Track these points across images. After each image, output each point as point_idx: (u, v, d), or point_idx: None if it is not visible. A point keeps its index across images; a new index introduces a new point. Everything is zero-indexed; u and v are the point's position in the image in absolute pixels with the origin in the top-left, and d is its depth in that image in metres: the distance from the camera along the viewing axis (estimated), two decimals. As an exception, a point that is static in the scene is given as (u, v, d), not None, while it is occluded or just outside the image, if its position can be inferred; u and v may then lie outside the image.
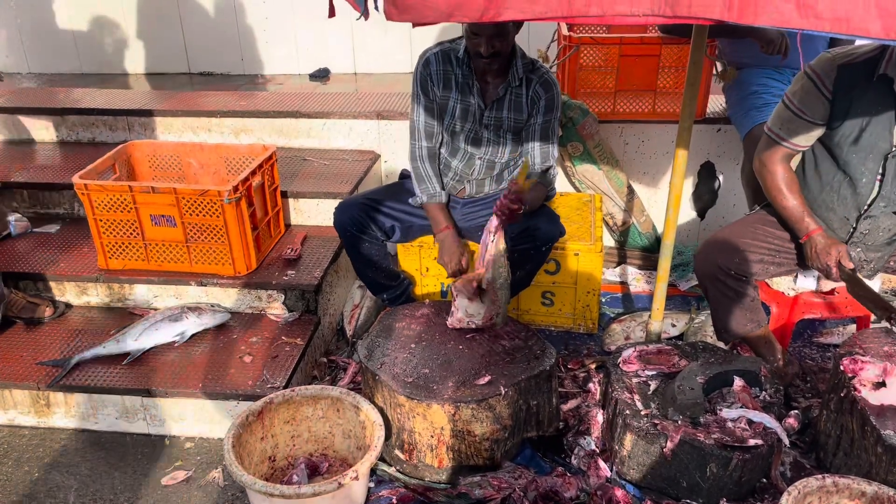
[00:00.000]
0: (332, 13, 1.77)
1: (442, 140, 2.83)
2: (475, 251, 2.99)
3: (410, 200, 2.87)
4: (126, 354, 2.73)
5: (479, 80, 2.68)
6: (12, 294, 2.93)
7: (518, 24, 2.52)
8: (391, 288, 3.03)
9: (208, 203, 2.81)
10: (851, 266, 2.33)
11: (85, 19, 4.95)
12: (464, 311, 2.50)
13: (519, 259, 2.73)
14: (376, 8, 1.61)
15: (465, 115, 2.72)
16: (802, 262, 2.49)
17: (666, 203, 2.58)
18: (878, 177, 2.32)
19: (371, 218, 2.82)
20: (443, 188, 2.84)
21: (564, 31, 3.55)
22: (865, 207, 2.38)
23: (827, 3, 1.34)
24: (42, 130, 4.01)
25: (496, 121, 2.71)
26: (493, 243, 2.47)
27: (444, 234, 2.81)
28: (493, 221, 2.45)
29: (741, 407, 2.24)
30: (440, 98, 2.73)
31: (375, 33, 4.75)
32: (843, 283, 2.40)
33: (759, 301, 2.56)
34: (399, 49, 4.77)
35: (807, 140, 2.39)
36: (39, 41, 4.99)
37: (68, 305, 3.01)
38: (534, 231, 2.70)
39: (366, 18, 1.67)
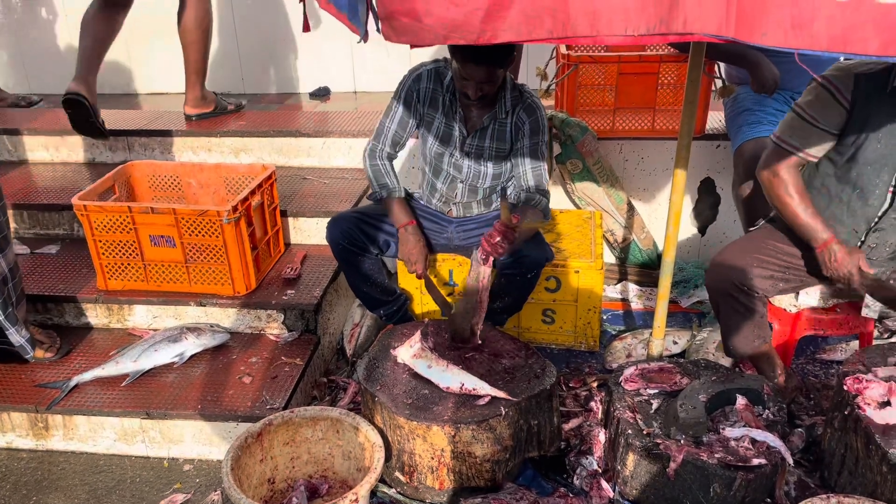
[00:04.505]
0: (306, 28, 1.81)
1: (428, 159, 2.81)
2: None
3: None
4: (125, 376, 2.72)
5: (463, 109, 2.65)
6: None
7: (510, 62, 2.46)
8: (387, 304, 3.00)
9: (208, 223, 2.81)
10: (872, 271, 2.29)
11: (86, 40, 4.97)
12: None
13: (505, 284, 2.72)
14: (378, 30, 1.62)
15: (448, 138, 2.71)
16: (814, 271, 2.46)
17: (666, 219, 2.58)
18: (891, 189, 2.30)
19: (364, 232, 2.79)
20: (401, 186, 2.81)
21: (563, 49, 3.56)
22: (875, 220, 2.36)
23: (823, 22, 1.32)
24: (42, 151, 4.02)
25: (477, 149, 2.69)
26: (474, 273, 2.49)
27: (411, 229, 2.76)
28: (480, 253, 2.47)
29: (744, 425, 2.22)
30: (426, 116, 2.72)
31: (375, 52, 4.77)
32: (862, 291, 2.35)
33: (766, 317, 2.54)
34: (399, 67, 4.70)
35: (818, 150, 2.34)
36: (41, 62, 5.01)
37: (68, 351, 2.91)
38: (522, 258, 2.66)
39: (364, 41, 1.68)
